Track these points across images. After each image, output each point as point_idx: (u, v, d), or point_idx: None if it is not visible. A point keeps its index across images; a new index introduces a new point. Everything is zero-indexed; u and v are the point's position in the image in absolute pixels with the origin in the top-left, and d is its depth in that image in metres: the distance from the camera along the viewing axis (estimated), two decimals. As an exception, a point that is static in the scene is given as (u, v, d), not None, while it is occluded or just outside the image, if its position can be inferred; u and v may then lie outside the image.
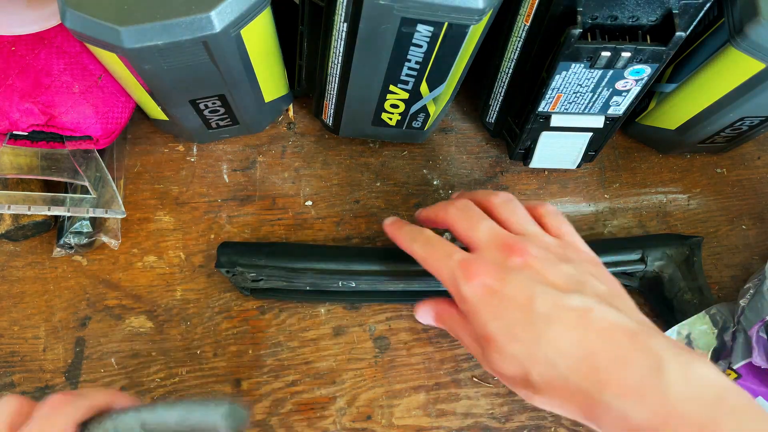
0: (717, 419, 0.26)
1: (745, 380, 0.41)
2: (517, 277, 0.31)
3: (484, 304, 0.31)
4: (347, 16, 0.35)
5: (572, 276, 0.32)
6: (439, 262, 0.34)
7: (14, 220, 0.44)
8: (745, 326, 0.42)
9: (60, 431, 0.30)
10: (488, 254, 0.33)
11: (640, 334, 0.29)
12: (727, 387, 0.27)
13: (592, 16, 0.36)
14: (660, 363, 0.27)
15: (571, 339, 0.29)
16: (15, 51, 0.41)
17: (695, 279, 0.44)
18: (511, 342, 0.30)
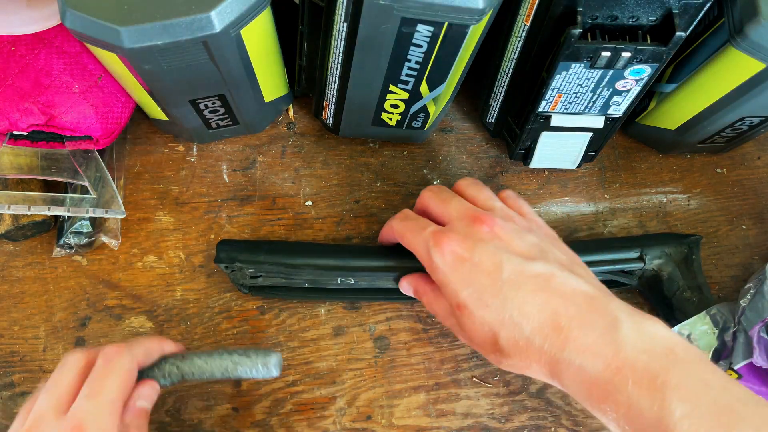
0: (666, 368, 0.28)
1: (745, 380, 0.41)
2: (485, 246, 0.33)
3: (455, 273, 0.33)
4: (347, 16, 0.35)
5: (535, 245, 0.35)
6: (413, 233, 0.37)
7: (14, 220, 0.44)
8: (746, 326, 0.42)
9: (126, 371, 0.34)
10: (458, 226, 0.35)
11: (598, 298, 0.32)
12: (677, 341, 0.29)
13: (592, 16, 0.36)
14: (615, 322, 0.30)
15: (535, 303, 0.31)
16: (15, 51, 0.41)
17: (694, 277, 0.44)
18: (481, 308, 0.32)
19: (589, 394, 0.29)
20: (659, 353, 0.28)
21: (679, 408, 0.26)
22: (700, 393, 0.27)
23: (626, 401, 0.28)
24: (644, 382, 0.27)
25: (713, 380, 0.27)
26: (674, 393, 0.27)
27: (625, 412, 0.28)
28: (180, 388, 0.44)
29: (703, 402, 0.27)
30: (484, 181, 0.50)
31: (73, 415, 0.32)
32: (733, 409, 0.26)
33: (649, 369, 0.28)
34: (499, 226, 0.35)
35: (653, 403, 0.27)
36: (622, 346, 0.29)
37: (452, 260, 0.34)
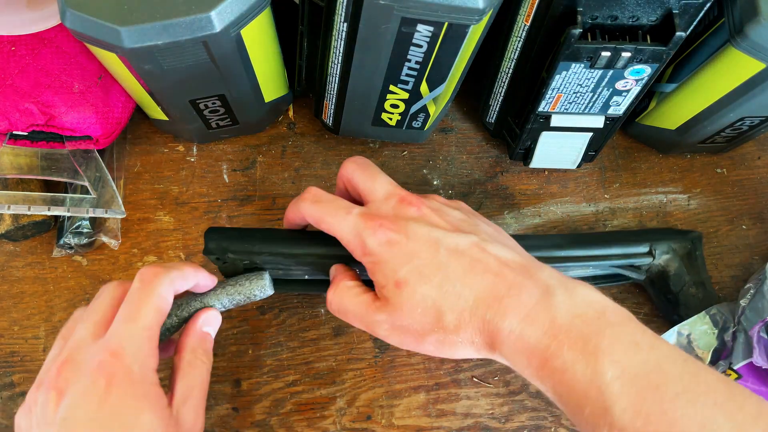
0: (598, 332, 0.28)
1: (745, 380, 0.41)
2: (418, 225, 0.33)
3: (392, 254, 0.33)
4: (347, 16, 0.35)
5: (463, 219, 0.35)
6: (337, 217, 0.35)
7: (14, 220, 0.44)
8: (746, 326, 0.42)
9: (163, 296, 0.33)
10: (385, 206, 0.35)
11: (530, 267, 0.32)
12: (607, 305, 0.30)
13: (592, 16, 0.36)
14: (549, 289, 0.30)
15: (475, 273, 0.32)
16: (15, 51, 0.41)
17: (698, 273, 0.44)
18: (423, 283, 0.32)
19: (528, 362, 0.30)
20: (591, 317, 0.29)
21: (610, 370, 0.27)
22: (630, 354, 0.28)
23: (562, 366, 0.28)
24: (578, 346, 0.28)
25: (642, 341, 0.28)
26: (606, 356, 0.27)
27: (560, 377, 0.28)
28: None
29: (633, 363, 0.27)
30: (484, 181, 0.50)
31: (110, 339, 0.31)
32: (662, 368, 0.27)
33: (582, 333, 0.28)
34: (425, 205, 0.35)
35: (587, 367, 0.28)
36: (557, 312, 0.29)
37: (387, 241, 0.33)
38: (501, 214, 0.49)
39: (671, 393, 0.26)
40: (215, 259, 0.39)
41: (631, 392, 0.27)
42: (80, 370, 0.31)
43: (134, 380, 0.31)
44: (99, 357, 0.31)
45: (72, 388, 0.31)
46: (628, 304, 0.47)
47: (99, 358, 0.31)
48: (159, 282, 0.34)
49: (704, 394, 0.26)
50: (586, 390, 0.27)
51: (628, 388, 0.27)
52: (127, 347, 0.31)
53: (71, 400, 0.30)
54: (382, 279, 0.33)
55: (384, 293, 0.33)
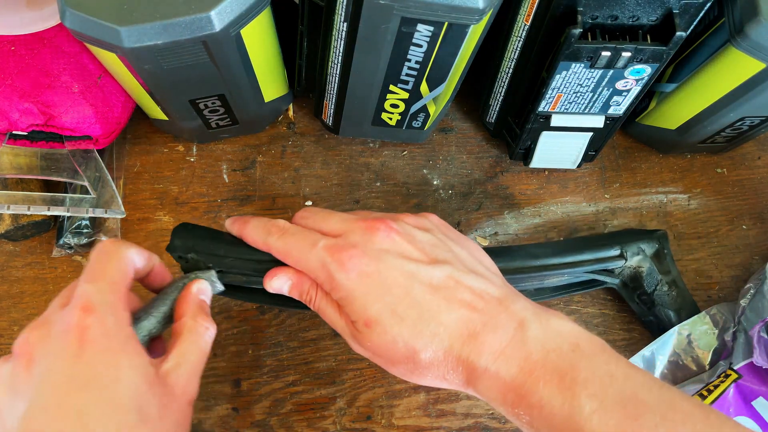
0: (573, 365, 0.28)
1: (745, 380, 0.41)
2: (389, 257, 0.32)
3: (363, 289, 0.31)
4: (347, 16, 0.35)
5: (436, 245, 0.33)
6: (304, 251, 0.33)
7: (14, 220, 0.44)
8: (746, 326, 0.42)
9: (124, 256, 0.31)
10: (353, 237, 0.33)
11: (505, 299, 0.31)
12: (579, 335, 0.30)
13: (592, 16, 0.36)
14: (523, 323, 0.30)
15: (450, 310, 0.31)
16: (15, 51, 0.41)
17: (668, 272, 0.44)
18: (396, 323, 0.31)
19: (504, 399, 0.29)
20: (566, 350, 0.29)
21: (588, 404, 0.27)
22: (606, 386, 0.27)
23: (538, 402, 0.28)
24: (554, 382, 0.28)
25: (617, 371, 0.28)
26: (582, 389, 0.27)
27: (538, 413, 0.28)
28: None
29: (609, 394, 0.27)
30: (484, 181, 0.50)
31: (77, 298, 0.29)
32: (639, 398, 0.27)
33: (557, 368, 0.28)
34: (395, 230, 0.33)
35: (564, 402, 0.27)
36: (532, 347, 0.29)
37: (357, 276, 0.31)
38: (501, 214, 0.49)
39: (650, 424, 0.26)
40: (177, 258, 0.37)
41: (609, 425, 0.26)
42: (50, 333, 0.29)
43: (109, 332, 0.28)
44: (67, 317, 0.28)
45: (42, 350, 0.28)
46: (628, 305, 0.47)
47: (67, 318, 0.28)
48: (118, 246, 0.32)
49: (682, 423, 0.26)
50: (564, 425, 0.27)
51: (607, 421, 0.26)
52: (96, 300, 0.29)
53: (44, 364, 0.28)
54: (352, 314, 0.32)
55: (356, 327, 0.32)
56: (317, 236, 0.33)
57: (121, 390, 0.27)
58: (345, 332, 0.33)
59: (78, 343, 0.28)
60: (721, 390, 0.41)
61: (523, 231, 0.49)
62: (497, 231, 0.49)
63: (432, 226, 0.35)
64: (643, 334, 0.47)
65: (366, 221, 0.33)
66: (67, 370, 0.27)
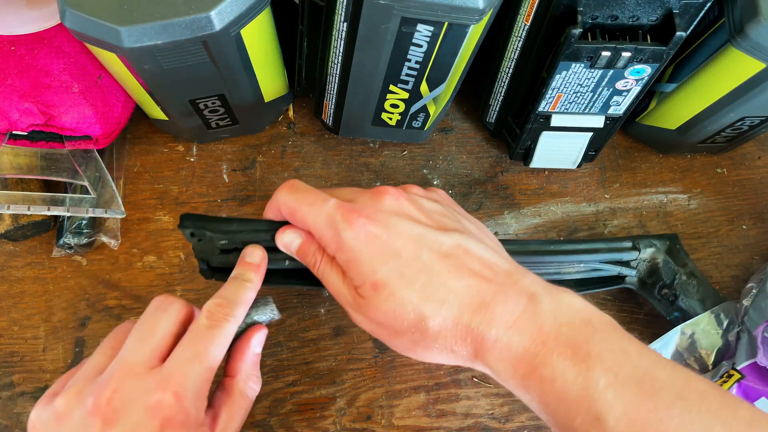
0: (587, 339, 0.28)
1: (748, 380, 0.41)
2: (399, 220, 0.31)
3: (371, 252, 0.30)
4: (347, 16, 0.35)
5: (444, 214, 0.33)
6: (313, 207, 0.32)
7: (14, 220, 0.44)
8: (750, 327, 0.42)
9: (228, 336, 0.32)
10: (362, 199, 0.32)
11: (515, 272, 0.31)
12: (592, 311, 0.30)
13: (592, 16, 0.36)
14: (533, 296, 0.30)
15: (460, 277, 0.30)
16: (14, 51, 0.41)
17: (685, 264, 0.44)
18: (405, 286, 0.30)
19: (514, 371, 0.29)
20: (578, 324, 0.28)
21: (603, 378, 0.27)
22: (620, 361, 0.27)
23: (551, 375, 0.27)
24: (568, 354, 0.27)
25: (630, 348, 0.28)
26: (597, 363, 0.27)
27: (549, 386, 0.28)
28: (180, 388, 0.44)
29: (624, 370, 0.27)
30: (484, 181, 0.50)
31: (172, 377, 0.29)
32: (654, 375, 0.27)
33: (571, 341, 0.28)
34: (403, 196, 0.32)
35: (578, 375, 0.27)
36: (544, 320, 0.29)
37: (365, 237, 0.30)
38: (501, 214, 0.49)
39: (667, 400, 0.26)
40: (190, 235, 0.36)
41: (625, 400, 0.26)
42: (133, 403, 0.28)
43: (189, 425, 0.29)
44: (157, 395, 0.28)
45: (122, 421, 0.28)
46: (629, 305, 0.47)
47: (157, 396, 0.28)
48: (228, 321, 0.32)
49: (698, 401, 0.26)
50: (577, 398, 0.27)
51: (622, 396, 0.26)
52: (190, 389, 0.29)
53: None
54: (357, 278, 0.31)
55: (360, 292, 0.31)
56: (327, 195, 0.33)
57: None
58: (347, 300, 0.32)
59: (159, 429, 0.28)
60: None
61: (523, 231, 0.49)
62: (497, 231, 0.49)
63: (440, 199, 0.35)
64: (643, 333, 0.47)
65: (374, 188, 0.33)
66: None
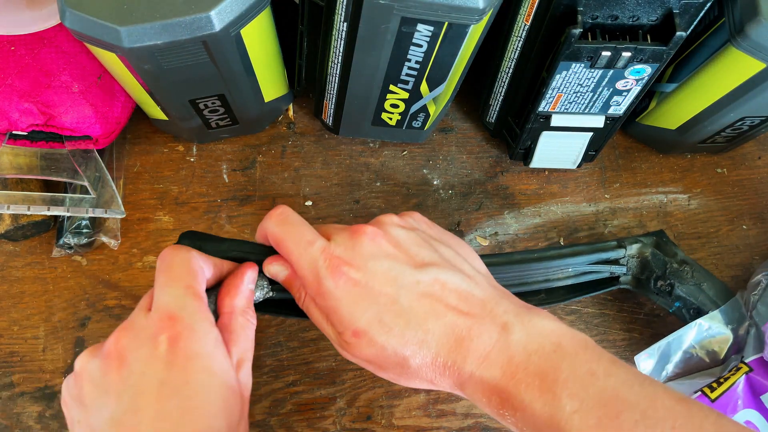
0: (555, 366, 0.28)
1: (756, 374, 0.41)
2: (377, 264, 0.32)
3: (350, 299, 0.31)
4: (347, 16, 0.35)
5: (421, 245, 0.33)
6: (298, 247, 0.33)
7: (14, 220, 0.44)
8: (758, 321, 0.41)
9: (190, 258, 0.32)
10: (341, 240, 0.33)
11: (489, 301, 0.31)
12: (563, 333, 0.30)
13: (592, 16, 0.36)
14: (506, 326, 0.30)
15: (436, 316, 0.31)
16: (14, 51, 0.41)
17: (674, 255, 0.43)
18: (383, 333, 0.31)
19: (488, 401, 0.30)
20: (548, 351, 0.29)
21: (569, 404, 0.27)
22: (587, 384, 0.28)
23: (521, 405, 0.28)
24: (536, 384, 0.28)
25: (598, 369, 0.28)
26: (563, 390, 0.27)
27: (521, 415, 0.28)
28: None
29: (590, 393, 0.27)
30: (484, 181, 0.50)
31: (158, 306, 0.30)
32: (619, 395, 0.27)
33: (539, 369, 0.28)
34: (379, 234, 0.33)
35: (545, 404, 0.28)
36: (515, 350, 0.29)
37: (344, 284, 0.31)
38: (501, 214, 0.49)
39: (630, 421, 0.26)
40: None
41: (590, 425, 0.27)
42: (139, 337, 0.30)
43: (198, 338, 0.30)
44: (155, 322, 0.30)
45: (133, 354, 0.29)
46: (629, 304, 0.47)
47: (155, 323, 0.30)
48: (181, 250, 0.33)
49: (662, 419, 0.26)
50: (547, 425, 0.28)
51: (587, 421, 0.27)
52: (178, 307, 0.30)
53: (136, 367, 0.29)
54: (339, 325, 0.32)
55: (343, 338, 0.32)
56: (316, 235, 0.33)
57: (211, 396, 0.29)
58: (332, 339, 0.34)
59: (169, 348, 0.29)
60: (731, 383, 0.40)
61: (523, 231, 0.49)
62: (497, 231, 0.49)
63: (416, 224, 0.35)
64: (643, 333, 0.47)
65: (352, 227, 0.33)
66: (160, 375, 0.28)
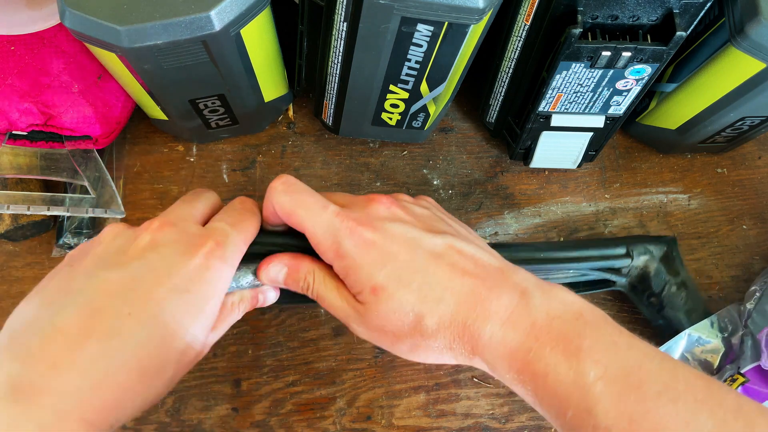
0: (578, 333, 0.28)
1: (753, 384, 0.41)
2: (393, 226, 0.32)
3: (368, 258, 0.31)
4: (347, 16, 0.35)
5: (433, 218, 0.34)
6: (312, 213, 0.32)
7: (13, 220, 0.44)
8: (753, 330, 0.42)
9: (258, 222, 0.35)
10: (355, 207, 0.33)
11: (505, 270, 0.32)
12: (583, 306, 0.30)
13: (592, 16, 0.36)
14: (525, 292, 0.30)
15: (454, 276, 0.31)
16: (14, 51, 0.41)
17: (678, 273, 0.44)
18: (402, 287, 0.31)
19: (509, 366, 0.29)
20: (570, 318, 0.29)
21: (593, 370, 0.27)
22: (610, 354, 0.28)
23: (544, 369, 0.28)
24: (560, 348, 0.28)
25: (620, 340, 0.28)
26: (587, 356, 0.27)
27: (542, 380, 0.28)
28: (179, 388, 0.44)
29: (613, 362, 0.27)
30: (484, 181, 0.50)
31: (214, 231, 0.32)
32: (642, 367, 0.27)
33: (563, 334, 0.28)
34: (395, 203, 0.33)
35: (569, 369, 0.27)
36: (537, 314, 0.29)
37: (363, 244, 0.31)
38: (501, 214, 0.49)
39: (653, 392, 0.26)
40: None
41: (613, 392, 0.26)
42: (183, 236, 0.31)
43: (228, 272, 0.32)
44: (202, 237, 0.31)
45: (171, 245, 0.31)
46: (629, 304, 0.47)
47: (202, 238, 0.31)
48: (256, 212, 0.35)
49: (684, 391, 0.26)
50: (568, 392, 0.27)
51: (611, 388, 0.27)
52: (228, 245, 0.32)
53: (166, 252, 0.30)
54: (356, 285, 0.32)
55: (360, 298, 0.32)
56: (325, 200, 0.33)
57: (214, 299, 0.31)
58: (347, 312, 0.33)
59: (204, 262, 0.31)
60: None
61: (523, 231, 0.49)
62: (497, 231, 0.49)
63: (429, 205, 0.36)
64: (642, 334, 0.47)
65: (366, 196, 0.34)
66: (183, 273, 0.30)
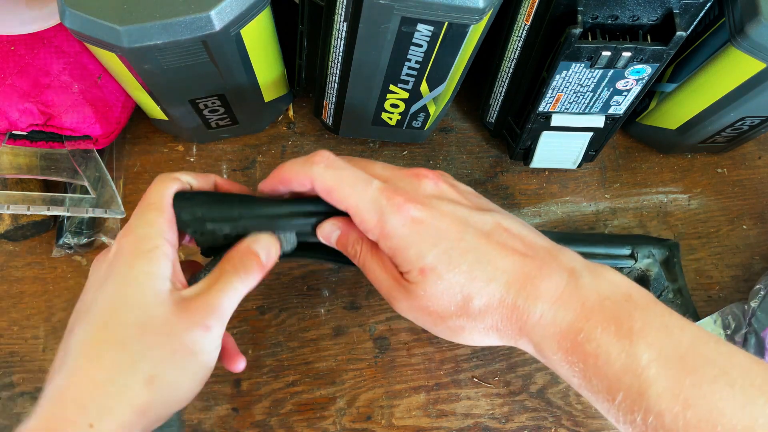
0: (629, 314, 0.28)
1: None
2: (440, 204, 0.31)
3: (417, 237, 0.30)
4: (347, 16, 0.35)
5: (479, 197, 0.34)
6: (355, 189, 0.31)
7: (13, 220, 0.44)
8: (757, 328, 0.42)
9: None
10: (400, 183, 0.32)
11: (552, 249, 0.31)
12: (631, 286, 0.30)
13: (592, 16, 0.36)
14: (574, 272, 0.30)
15: (504, 255, 0.30)
16: (14, 50, 0.41)
17: (675, 280, 0.44)
18: (452, 268, 0.30)
19: (559, 346, 0.29)
20: (619, 299, 0.28)
21: (646, 353, 0.27)
22: (663, 337, 0.27)
23: (594, 350, 0.27)
24: (612, 329, 0.27)
25: (671, 323, 0.28)
26: (640, 338, 0.27)
27: (593, 362, 0.28)
28: (180, 388, 0.44)
29: (666, 345, 0.27)
30: (484, 181, 0.50)
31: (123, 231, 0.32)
32: (696, 350, 0.27)
33: (614, 315, 0.28)
34: (441, 179, 0.32)
35: (621, 350, 0.27)
36: (587, 294, 0.29)
37: (411, 222, 0.30)
38: (501, 214, 0.49)
39: (710, 376, 0.26)
40: (192, 233, 0.33)
41: (668, 375, 0.26)
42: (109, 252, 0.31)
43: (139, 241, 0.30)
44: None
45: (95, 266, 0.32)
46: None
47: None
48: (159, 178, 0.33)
49: (741, 376, 0.26)
50: (619, 374, 0.27)
51: (665, 372, 0.26)
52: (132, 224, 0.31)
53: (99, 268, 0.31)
54: (405, 264, 0.31)
55: (408, 277, 0.31)
56: (368, 176, 0.32)
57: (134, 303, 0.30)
58: (391, 288, 0.32)
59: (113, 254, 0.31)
60: None
61: (523, 231, 0.49)
62: (497, 231, 0.49)
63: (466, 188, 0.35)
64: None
65: (411, 169, 0.33)
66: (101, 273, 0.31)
